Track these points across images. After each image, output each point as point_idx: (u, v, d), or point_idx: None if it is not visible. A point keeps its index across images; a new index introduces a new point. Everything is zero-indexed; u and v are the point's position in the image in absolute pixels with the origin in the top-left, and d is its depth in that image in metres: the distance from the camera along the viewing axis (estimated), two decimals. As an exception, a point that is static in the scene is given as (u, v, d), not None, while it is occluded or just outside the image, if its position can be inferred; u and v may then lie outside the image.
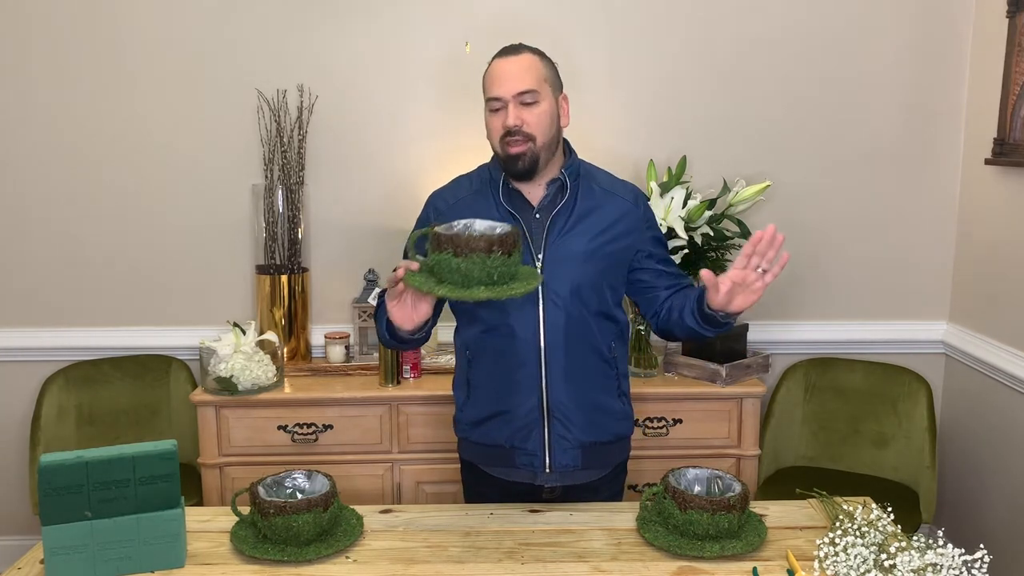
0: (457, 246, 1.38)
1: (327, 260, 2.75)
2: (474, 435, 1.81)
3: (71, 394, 2.66)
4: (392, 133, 2.69)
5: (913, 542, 1.40)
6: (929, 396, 2.64)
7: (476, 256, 1.37)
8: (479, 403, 1.79)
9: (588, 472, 1.79)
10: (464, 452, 1.88)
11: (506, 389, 1.74)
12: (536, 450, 1.74)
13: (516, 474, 1.78)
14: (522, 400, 1.73)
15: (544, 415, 1.73)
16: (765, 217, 2.73)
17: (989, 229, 2.59)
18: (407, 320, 1.52)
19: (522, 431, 1.74)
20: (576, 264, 1.71)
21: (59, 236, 2.71)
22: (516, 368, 1.72)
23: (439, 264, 1.40)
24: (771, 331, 2.79)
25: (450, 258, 1.38)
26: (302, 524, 1.49)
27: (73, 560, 1.41)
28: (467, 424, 1.82)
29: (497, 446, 1.77)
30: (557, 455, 1.74)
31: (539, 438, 1.74)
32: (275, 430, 2.41)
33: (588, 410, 1.75)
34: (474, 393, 1.80)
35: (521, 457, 1.75)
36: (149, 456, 1.42)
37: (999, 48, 2.49)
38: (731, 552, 1.50)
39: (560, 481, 1.77)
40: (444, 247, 1.39)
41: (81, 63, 2.62)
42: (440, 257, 1.39)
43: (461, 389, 1.84)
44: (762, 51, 2.67)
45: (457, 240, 1.38)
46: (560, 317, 1.70)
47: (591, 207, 1.74)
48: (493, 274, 1.39)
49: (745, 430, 2.47)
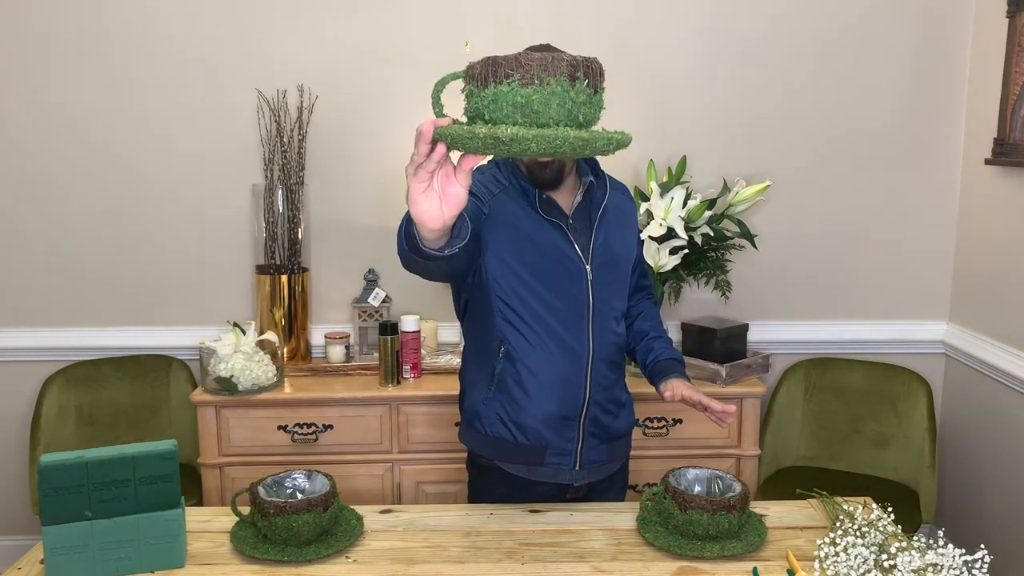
0: (527, 70, 0.98)
1: (327, 260, 2.75)
2: (498, 430, 1.72)
3: (71, 394, 2.66)
4: (392, 133, 2.69)
5: (913, 542, 1.40)
6: (929, 396, 2.64)
7: (556, 82, 0.99)
8: (512, 399, 1.70)
9: (610, 465, 1.81)
10: (478, 446, 1.77)
11: (548, 389, 1.69)
12: (569, 448, 1.73)
13: (541, 472, 1.74)
14: (564, 402, 1.70)
15: (583, 414, 1.73)
16: (765, 217, 2.73)
17: (989, 229, 2.59)
18: (434, 216, 1.17)
19: (558, 431, 1.71)
20: (616, 267, 1.74)
21: (59, 236, 2.71)
22: (562, 371, 1.69)
23: (498, 99, 1.00)
24: (771, 331, 2.79)
25: (516, 89, 0.99)
26: (302, 524, 1.49)
27: (73, 560, 1.41)
28: (492, 418, 1.72)
29: (527, 444, 1.71)
30: (587, 451, 1.75)
31: (574, 437, 1.73)
32: (275, 430, 2.41)
33: (611, 405, 1.77)
34: (506, 388, 1.71)
35: (552, 457, 1.72)
36: (149, 456, 1.42)
37: (999, 48, 2.49)
38: (731, 552, 1.50)
39: (586, 478, 1.77)
40: (507, 75, 0.99)
41: (82, 63, 2.62)
42: (500, 89, 1.00)
43: (481, 380, 1.74)
44: (762, 51, 2.68)
45: (528, 63, 0.99)
46: (607, 321, 1.73)
47: (612, 205, 1.76)
48: (578, 112, 1.02)
49: (745, 430, 2.47)
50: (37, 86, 2.63)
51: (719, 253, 2.57)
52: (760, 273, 2.78)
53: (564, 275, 1.68)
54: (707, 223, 2.51)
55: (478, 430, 1.75)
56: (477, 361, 1.76)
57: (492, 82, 1.00)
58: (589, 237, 1.70)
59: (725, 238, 2.55)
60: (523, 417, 1.70)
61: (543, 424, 1.70)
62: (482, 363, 1.74)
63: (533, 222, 1.66)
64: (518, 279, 1.66)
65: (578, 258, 1.68)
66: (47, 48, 2.62)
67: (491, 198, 1.66)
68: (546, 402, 1.70)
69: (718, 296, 2.65)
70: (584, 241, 1.69)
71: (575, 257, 1.68)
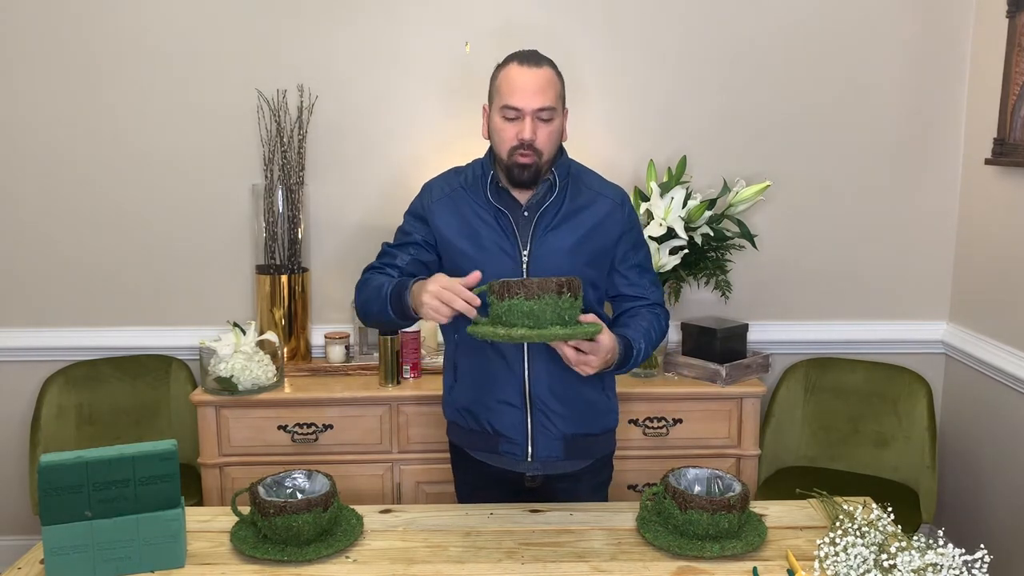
0: (528, 290, 1.47)
1: (327, 260, 2.75)
2: (460, 419, 1.86)
3: (71, 394, 2.66)
4: (392, 133, 2.69)
5: (913, 542, 1.40)
6: (929, 396, 2.64)
7: (548, 297, 1.47)
8: (464, 389, 1.83)
9: (571, 463, 1.83)
10: (451, 434, 1.93)
11: (490, 378, 1.78)
12: (519, 439, 1.78)
13: (499, 460, 1.82)
14: (505, 390, 1.77)
15: (527, 406, 1.77)
16: (765, 217, 2.73)
17: (989, 229, 2.59)
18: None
19: (504, 420, 1.78)
20: (560, 259, 1.73)
21: (59, 236, 2.71)
22: (499, 358, 1.76)
23: (511, 310, 1.47)
24: (771, 331, 2.79)
25: (521, 302, 1.46)
26: (302, 524, 1.49)
27: (73, 560, 1.41)
28: (454, 408, 1.87)
29: (481, 431, 1.82)
30: (539, 446, 1.78)
31: (522, 428, 1.78)
32: (275, 430, 2.41)
33: (571, 402, 1.78)
34: (460, 378, 1.84)
35: (504, 445, 1.80)
36: (149, 456, 1.42)
37: (999, 48, 2.49)
38: (731, 552, 1.50)
39: (542, 470, 1.81)
40: (514, 293, 1.48)
41: (81, 64, 2.62)
42: (512, 303, 1.47)
43: (449, 372, 1.88)
44: (762, 51, 2.67)
45: (529, 285, 1.47)
46: None
47: (579, 207, 1.77)
48: (564, 315, 1.48)
49: (745, 430, 2.47)
50: (38, 86, 2.63)
51: (719, 253, 2.57)
52: (760, 273, 2.78)
53: (500, 260, 1.72)
54: (707, 223, 2.51)
55: (449, 420, 1.91)
56: (447, 354, 1.90)
57: (507, 297, 1.48)
58: (531, 227, 1.73)
59: (725, 238, 2.55)
60: (474, 404, 1.81)
61: (490, 411, 1.79)
62: (448, 355, 1.89)
63: (480, 209, 1.75)
64: (462, 265, 1.72)
65: (515, 245, 1.73)
66: (47, 48, 2.61)
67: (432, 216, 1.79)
68: (491, 389, 1.77)
69: (718, 296, 2.65)
70: (526, 230, 1.73)
71: (513, 244, 1.73)
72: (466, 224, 1.76)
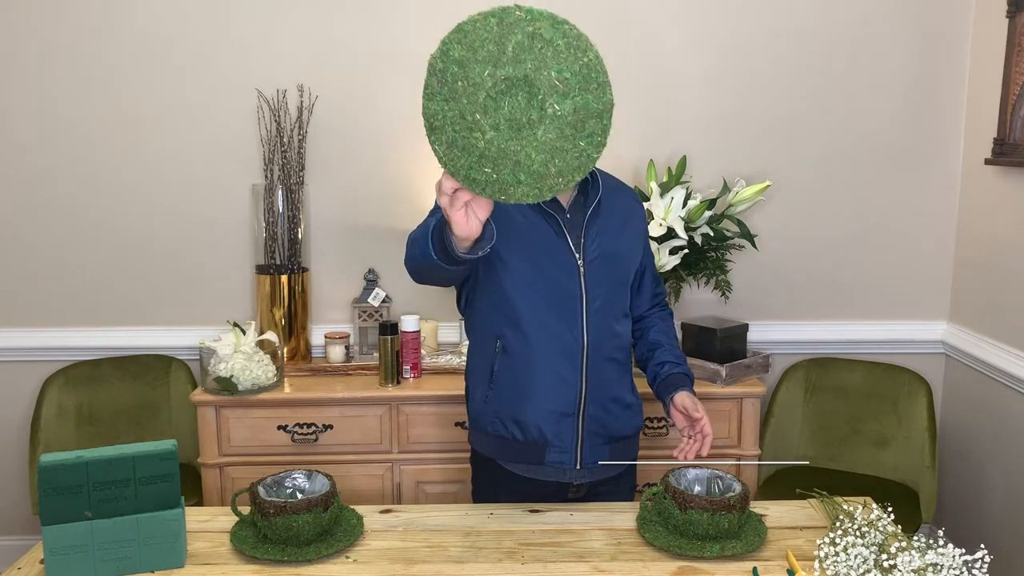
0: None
1: (327, 260, 2.75)
2: (501, 429, 1.76)
3: (71, 394, 2.66)
4: (392, 133, 2.69)
5: (913, 542, 1.40)
6: (929, 396, 2.64)
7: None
8: (505, 399, 1.74)
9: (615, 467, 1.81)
10: (482, 446, 1.81)
11: (543, 384, 1.72)
12: (569, 446, 1.74)
13: (542, 471, 1.76)
14: (560, 397, 1.72)
15: (580, 411, 1.74)
16: (765, 217, 2.73)
17: (989, 229, 2.59)
18: (476, 226, 1.34)
19: (556, 427, 1.73)
20: (613, 264, 1.75)
21: (59, 236, 2.71)
22: (556, 365, 1.71)
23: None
24: (771, 331, 2.79)
25: None
26: (302, 524, 1.49)
27: (73, 560, 1.41)
28: (491, 418, 1.77)
29: (526, 442, 1.74)
30: (587, 451, 1.75)
31: (572, 434, 1.74)
32: (275, 430, 2.41)
33: (613, 405, 1.78)
34: (499, 388, 1.75)
35: (552, 454, 1.74)
36: (149, 456, 1.42)
37: (999, 48, 2.49)
38: (731, 552, 1.50)
39: (588, 477, 1.78)
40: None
41: (81, 63, 2.62)
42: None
43: (481, 381, 1.78)
44: (762, 51, 2.68)
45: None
46: (600, 317, 1.73)
47: (611, 206, 1.77)
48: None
49: (745, 430, 2.47)
50: (37, 86, 2.63)
51: (719, 253, 2.57)
52: (760, 273, 2.78)
53: (555, 267, 1.70)
54: (707, 223, 2.51)
55: (481, 430, 1.79)
56: (478, 361, 1.80)
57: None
58: (582, 231, 1.72)
59: (725, 238, 2.55)
60: (520, 413, 1.73)
61: (541, 420, 1.72)
62: (483, 362, 1.78)
63: (529, 213, 1.70)
64: (513, 271, 1.69)
65: (570, 251, 1.70)
66: (47, 48, 2.61)
67: None
68: (541, 397, 1.72)
69: (718, 296, 2.65)
70: (577, 234, 1.71)
71: (567, 250, 1.70)
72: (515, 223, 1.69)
